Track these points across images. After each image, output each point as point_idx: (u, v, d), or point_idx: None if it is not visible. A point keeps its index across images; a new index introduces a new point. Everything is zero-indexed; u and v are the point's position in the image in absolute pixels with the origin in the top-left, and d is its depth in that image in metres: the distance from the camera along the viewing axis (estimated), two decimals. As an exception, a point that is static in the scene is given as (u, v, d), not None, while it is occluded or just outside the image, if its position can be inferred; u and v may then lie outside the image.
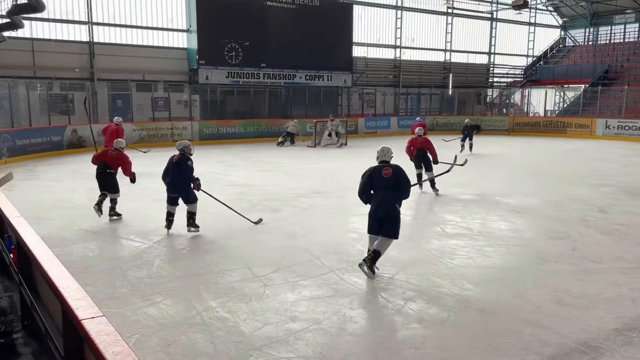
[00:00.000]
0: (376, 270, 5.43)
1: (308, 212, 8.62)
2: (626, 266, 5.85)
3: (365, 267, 5.42)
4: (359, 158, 16.39)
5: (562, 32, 35.48)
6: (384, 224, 5.54)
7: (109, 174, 8.19)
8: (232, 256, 6.18)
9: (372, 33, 27.78)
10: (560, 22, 35.50)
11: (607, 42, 32.89)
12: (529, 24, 34.43)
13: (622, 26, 32.56)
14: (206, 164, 14.65)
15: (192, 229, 7.15)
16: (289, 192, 10.32)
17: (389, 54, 28.66)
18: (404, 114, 28.36)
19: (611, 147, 19.68)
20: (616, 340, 4.04)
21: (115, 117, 14.91)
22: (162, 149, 18.29)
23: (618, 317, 4.46)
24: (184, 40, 22.21)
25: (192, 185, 7.40)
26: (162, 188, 10.59)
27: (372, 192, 5.72)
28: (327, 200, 9.65)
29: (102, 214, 7.91)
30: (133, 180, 8.58)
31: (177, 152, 7.64)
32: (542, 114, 29.15)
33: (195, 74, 21.58)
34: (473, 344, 4.03)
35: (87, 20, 19.79)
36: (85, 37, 19.95)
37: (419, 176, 10.34)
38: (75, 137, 17.97)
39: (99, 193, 8.06)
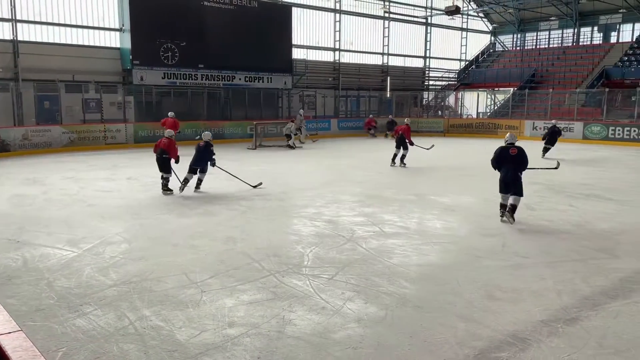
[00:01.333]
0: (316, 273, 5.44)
1: (247, 215, 8.52)
2: (551, 260, 6.16)
3: (509, 218, 7.85)
4: (301, 160, 16.49)
5: (492, 38, 37.15)
6: (511, 187, 7.97)
7: (165, 158, 10.36)
8: (168, 263, 6.00)
9: (311, 35, 27.94)
10: (490, 28, 37.16)
11: (534, 47, 34.73)
12: (462, 29, 35.77)
13: (547, 32, 34.49)
14: (141, 167, 14.22)
15: (199, 190, 10.49)
16: (228, 195, 10.17)
17: (328, 56, 28.93)
18: (344, 116, 28.70)
19: (538, 147, 20.72)
20: (542, 332, 4.24)
21: (170, 112, 18.20)
22: (93, 152, 17.62)
23: (544, 309, 4.68)
24: (116, 40, 21.44)
25: (209, 163, 10.55)
26: (92, 194, 10.22)
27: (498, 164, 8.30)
28: (268, 202, 9.58)
29: (172, 192, 10.28)
30: (177, 161, 10.56)
31: (202, 141, 10.75)
32: (474, 116, 30.34)
33: (129, 75, 20.87)
34: (410, 340, 4.11)
35: (10, 18, 18.70)
36: (8, 35, 18.83)
37: (395, 155, 14.54)
38: (-2, 141, 16.92)
39: (27, 199, 7.62)
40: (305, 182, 12.18)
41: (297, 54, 26.32)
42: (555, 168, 10.36)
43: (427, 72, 34.23)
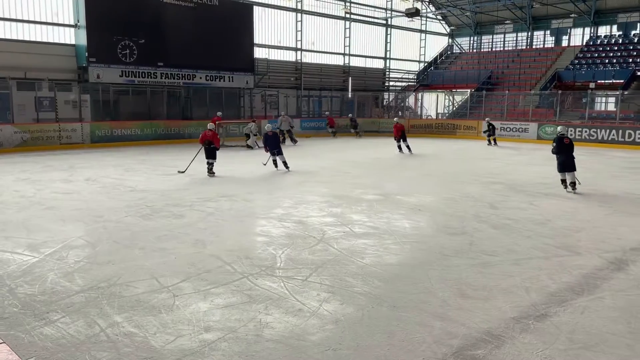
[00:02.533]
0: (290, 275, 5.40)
1: (215, 217, 8.39)
2: (517, 258, 6.34)
3: (573, 189, 10.76)
4: (263, 159, 16.38)
5: (450, 40, 37.98)
6: (567, 168, 10.85)
7: (212, 147, 12.60)
8: (136, 266, 5.83)
9: (273, 35, 27.83)
10: (448, 30, 37.98)
11: (490, 50, 35.72)
12: (420, 31, 36.44)
13: (502, 36, 35.56)
14: (100, 168, 13.81)
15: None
16: (193, 197, 9.98)
17: (290, 56, 28.88)
18: (306, 116, 28.71)
19: (495, 147, 21.36)
20: (515, 328, 4.35)
21: (218, 112, 20.98)
22: (47, 152, 17.00)
23: (515, 306, 4.81)
24: (71, 36, 20.77)
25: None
26: (50, 196, 9.84)
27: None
28: (235, 203, 9.47)
29: (214, 174, 12.52)
30: (218, 148, 12.86)
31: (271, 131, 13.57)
32: (434, 117, 30.94)
33: (85, 72, 20.25)
34: (388, 340, 4.13)
35: (-44, 11, 17.78)
36: (-46, 29, 17.90)
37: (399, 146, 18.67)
38: (-56, 141, 16.05)
39: None
40: (270, 182, 12.11)
41: (259, 53, 26.17)
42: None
43: (387, 73, 34.67)
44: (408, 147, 18.70)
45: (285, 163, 13.74)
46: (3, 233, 7.17)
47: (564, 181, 10.99)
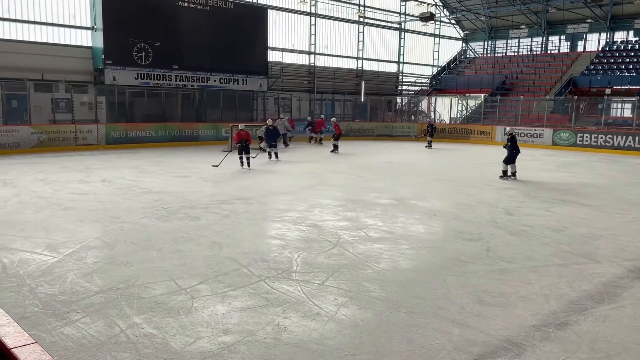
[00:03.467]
0: (306, 279, 5.40)
1: (231, 220, 8.42)
2: (535, 265, 6.29)
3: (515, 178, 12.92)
4: (278, 163, 16.41)
5: (464, 44, 37.84)
6: (511, 160, 13.38)
7: (247, 144, 14.80)
8: (154, 268, 5.87)
9: (287, 38, 27.92)
10: (462, 34, 37.85)
11: (504, 54, 35.51)
12: (434, 35, 36.33)
13: (517, 40, 35.36)
14: (115, 169, 13.93)
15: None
16: (208, 199, 10.03)
17: (303, 59, 28.95)
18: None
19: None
20: (535, 336, 4.32)
21: (282, 114, 22.70)
22: (63, 153, 17.19)
23: (534, 314, 4.77)
24: (88, 39, 20.99)
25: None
26: (67, 197, 9.94)
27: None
28: (250, 206, 9.49)
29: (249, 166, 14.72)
30: (249, 143, 15.07)
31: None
32: (447, 121, 30.81)
33: (101, 75, 20.45)
34: (407, 347, 4.12)
35: (-24, 13, 18.07)
36: (-26, 31, 18.19)
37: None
38: (-37, 141, 16.28)
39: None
40: (285, 185, 12.13)
41: (272, 56, 26.27)
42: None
43: (400, 77, 34.61)
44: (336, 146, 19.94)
45: (276, 154, 16.52)
46: (22, 233, 7.26)
47: (505, 172, 13.38)
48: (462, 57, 37.11)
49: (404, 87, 35.07)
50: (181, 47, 21.98)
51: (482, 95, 30.78)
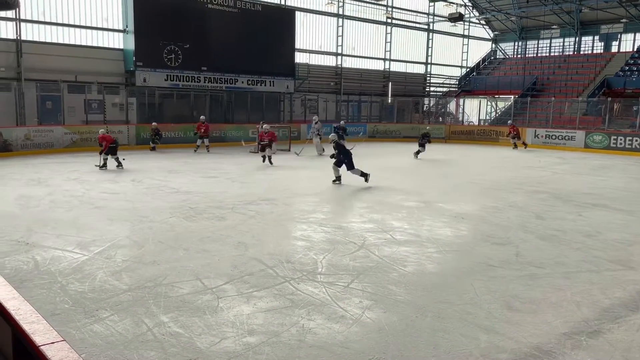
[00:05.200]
0: (331, 281, 5.38)
1: (256, 220, 8.46)
2: (567, 270, 6.13)
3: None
4: (304, 164, 16.45)
5: (494, 45, 37.28)
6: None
7: (270, 141, 15.68)
8: (181, 267, 5.93)
9: (314, 40, 27.97)
10: (492, 35, 37.29)
11: (535, 55, 34.84)
12: (463, 36, 35.89)
13: (548, 41, 34.64)
14: (146, 170, 14.16)
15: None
16: (235, 199, 10.10)
17: (330, 61, 28.95)
18: (345, 120, 28.64)
19: (540, 155, 20.80)
20: (566, 344, 4.20)
21: (202, 117, 20.51)
22: (95, 153, 17.51)
23: (565, 321, 4.64)
24: (119, 41, 21.41)
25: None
26: (98, 196, 10.15)
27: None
28: (275, 207, 9.53)
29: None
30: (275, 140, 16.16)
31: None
32: (475, 123, 30.39)
33: (132, 76, 20.83)
34: (433, 352, 4.05)
35: (14, 17, 18.64)
36: (12, 35, 18.77)
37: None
38: (0, 140, 16.80)
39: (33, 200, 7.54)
40: (310, 187, 12.14)
41: (299, 58, 26.34)
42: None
43: (428, 78, 34.29)
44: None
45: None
46: (54, 231, 7.43)
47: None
48: (492, 57, 36.57)
49: (432, 89, 34.73)
50: (210, 49, 22.25)
51: (512, 96, 30.24)
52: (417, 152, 18.67)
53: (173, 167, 14.99)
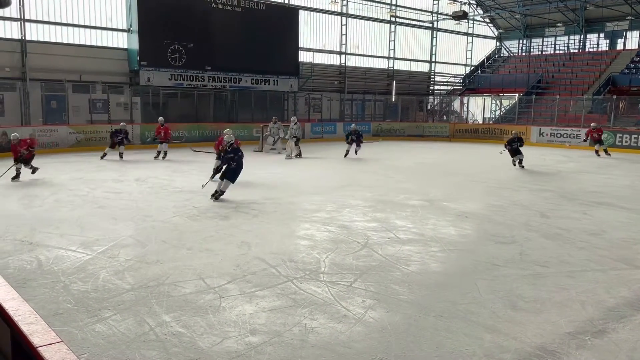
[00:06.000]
0: (334, 280, 5.37)
1: (260, 219, 8.45)
2: (571, 270, 6.08)
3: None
4: (309, 163, 16.44)
5: (498, 43, 37.12)
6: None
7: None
8: (183, 267, 5.93)
9: (318, 39, 27.93)
10: (496, 33, 37.13)
11: (539, 53, 34.66)
12: (467, 34, 35.75)
13: (553, 39, 34.46)
14: (150, 169, 14.18)
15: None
16: (238, 199, 10.09)
17: (334, 60, 28.91)
18: (349, 119, 28.63)
19: (545, 153, 20.69)
20: (571, 344, 4.16)
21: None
22: (100, 152, 17.57)
23: (570, 321, 4.61)
24: (124, 41, 21.44)
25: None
26: (102, 195, 10.16)
27: None
28: (279, 206, 9.51)
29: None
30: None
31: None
32: (480, 121, 30.28)
33: (136, 76, 20.87)
34: (436, 352, 4.03)
35: (19, 17, 18.70)
36: (17, 35, 18.83)
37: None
38: (4, 140, 16.83)
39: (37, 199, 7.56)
40: (315, 185, 12.12)
41: (303, 57, 26.32)
42: None
43: (432, 76, 34.19)
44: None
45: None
46: (58, 230, 7.44)
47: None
48: (496, 56, 36.41)
49: (436, 87, 34.62)
50: (214, 48, 22.25)
51: (517, 94, 30.10)
52: (520, 161, 15.86)
53: (177, 166, 15.01)
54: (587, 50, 32.67)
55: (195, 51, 21.61)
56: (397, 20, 31.00)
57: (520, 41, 36.13)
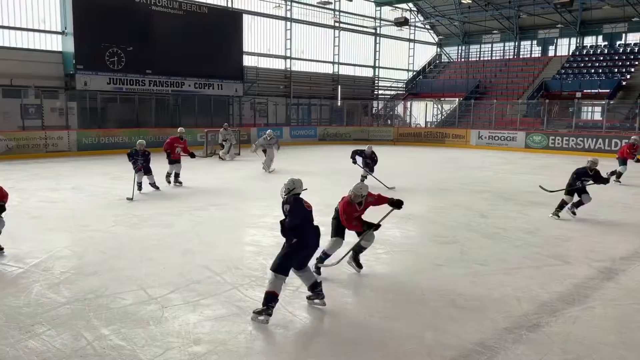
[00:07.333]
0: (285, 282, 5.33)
1: (204, 226, 8.30)
2: (508, 267, 6.34)
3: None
4: (255, 168, 16.31)
5: (438, 49, 38.26)
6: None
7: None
8: (124, 277, 5.73)
9: (262, 43, 27.85)
10: (437, 39, 38.27)
11: (477, 59, 36.04)
12: (409, 40, 36.67)
13: (490, 45, 35.93)
14: (87, 176, 13.66)
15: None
16: (182, 205, 9.87)
17: (279, 64, 28.89)
18: (295, 124, 28.68)
19: (484, 155, 21.49)
20: (507, 339, 4.33)
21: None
22: (33, 160, 16.79)
23: (507, 317, 4.79)
24: (58, 43, 20.56)
25: None
26: (35, 205, 9.67)
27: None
28: (224, 212, 9.39)
29: None
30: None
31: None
32: (422, 125, 31.09)
33: (72, 80, 20.03)
34: (381, 352, 4.09)
35: (-59, 17, 17.57)
36: (-61, 36, 17.67)
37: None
38: None
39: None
40: (261, 190, 12.04)
41: (248, 61, 26.16)
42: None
43: (376, 81, 34.82)
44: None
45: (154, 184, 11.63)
46: (-13, 243, 7.01)
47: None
48: (437, 61, 37.53)
49: (380, 92, 35.29)
50: (155, 52, 21.71)
51: (457, 99, 31.14)
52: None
53: (118, 173, 14.50)
54: (521, 56, 34.25)
55: (136, 54, 21.00)
56: (341, 25, 31.38)
57: (459, 47, 37.43)
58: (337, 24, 31.15)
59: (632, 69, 27.86)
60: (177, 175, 12.36)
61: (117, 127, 20.82)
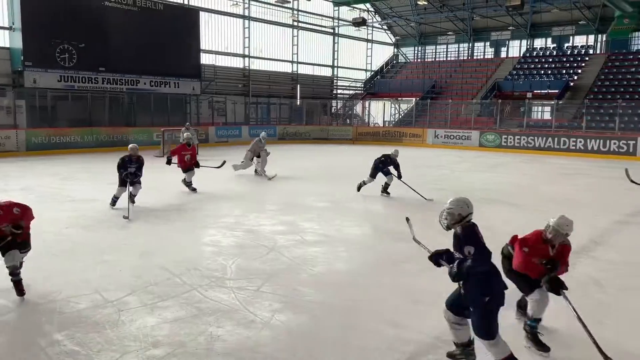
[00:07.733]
0: (241, 286, 5.30)
1: (162, 227, 8.13)
2: (465, 262, 6.49)
3: None
4: (215, 170, 16.10)
5: (395, 50, 38.82)
6: None
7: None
8: (78, 281, 5.55)
9: (220, 41, 27.53)
10: (394, 40, 38.82)
11: (433, 60, 36.76)
12: (367, 40, 37.04)
13: (445, 46, 36.73)
14: (37, 177, 13.16)
15: None
16: (139, 206, 9.63)
17: (238, 62, 28.64)
18: (254, 123, 28.52)
19: (440, 154, 21.96)
20: (465, 332, 4.43)
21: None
22: (-20, 161, 16.04)
23: (464, 310, 4.90)
24: (5, 39, 19.71)
25: None
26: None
27: None
28: (183, 213, 9.23)
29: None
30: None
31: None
32: (381, 124, 31.47)
33: (21, 77, 19.25)
34: (342, 349, 4.12)
35: None
36: None
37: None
38: None
39: None
40: (221, 190, 11.90)
41: (205, 59, 25.81)
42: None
43: (335, 81, 35.01)
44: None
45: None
46: None
47: None
48: (394, 62, 38.07)
49: (339, 91, 35.51)
50: (108, 49, 21.10)
51: (414, 99, 31.69)
52: None
53: (69, 173, 14.03)
54: (475, 57, 35.17)
55: (88, 51, 20.37)
56: (300, 25, 31.38)
57: (416, 48, 38.11)
58: (295, 23, 31.13)
59: (579, 70, 29.05)
60: (189, 184, 11.58)
61: (68, 126, 20.14)
